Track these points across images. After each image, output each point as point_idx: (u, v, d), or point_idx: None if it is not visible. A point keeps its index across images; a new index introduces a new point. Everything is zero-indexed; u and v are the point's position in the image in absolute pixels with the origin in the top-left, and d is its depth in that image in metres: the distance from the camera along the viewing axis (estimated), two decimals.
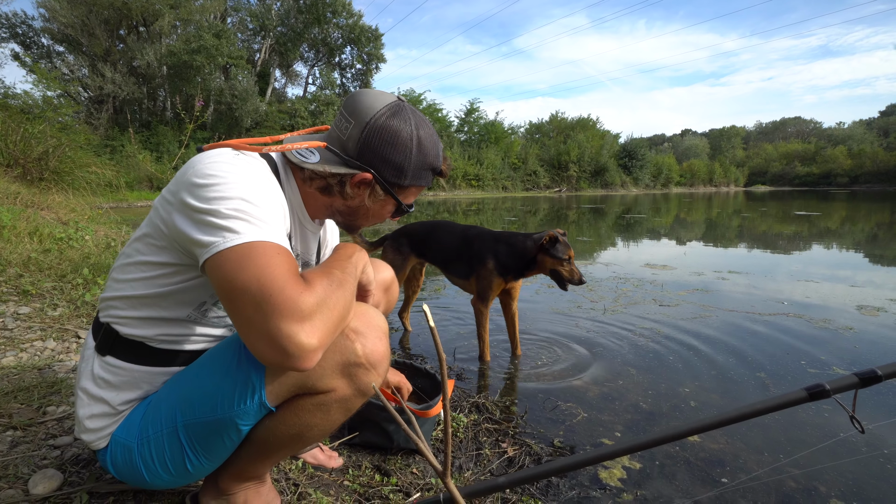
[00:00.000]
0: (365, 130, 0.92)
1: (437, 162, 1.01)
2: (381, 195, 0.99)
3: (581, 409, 1.98)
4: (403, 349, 2.70)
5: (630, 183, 41.24)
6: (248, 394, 0.83)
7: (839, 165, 60.83)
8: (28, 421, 1.40)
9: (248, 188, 0.79)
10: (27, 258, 3.22)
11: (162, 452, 0.90)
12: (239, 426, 0.86)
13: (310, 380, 0.84)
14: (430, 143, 0.98)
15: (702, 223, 11.69)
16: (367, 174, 0.94)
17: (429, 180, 1.02)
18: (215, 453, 0.91)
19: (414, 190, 1.02)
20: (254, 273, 0.71)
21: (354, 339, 0.85)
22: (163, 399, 0.92)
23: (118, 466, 0.95)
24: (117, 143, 17.32)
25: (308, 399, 0.87)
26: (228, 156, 0.84)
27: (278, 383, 0.84)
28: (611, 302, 3.72)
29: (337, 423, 0.92)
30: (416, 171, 0.98)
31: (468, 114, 35.41)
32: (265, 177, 0.87)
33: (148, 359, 0.94)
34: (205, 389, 0.87)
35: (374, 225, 1.09)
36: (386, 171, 0.95)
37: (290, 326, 0.68)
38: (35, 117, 7.41)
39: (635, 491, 1.46)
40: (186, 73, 20.68)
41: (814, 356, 2.57)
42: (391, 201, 1.01)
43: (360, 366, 0.85)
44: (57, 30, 19.55)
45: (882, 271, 5.24)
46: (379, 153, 0.93)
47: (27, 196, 5.17)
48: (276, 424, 0.88)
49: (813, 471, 1.57)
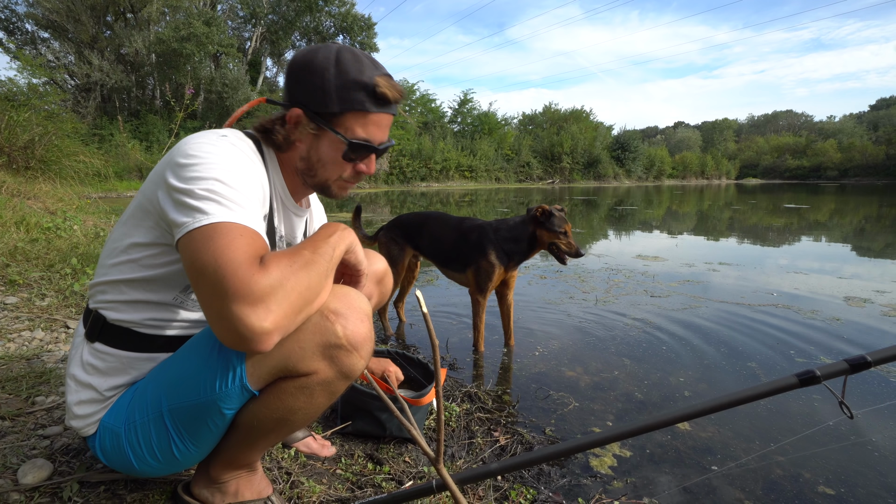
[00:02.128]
0: (287, 68, 0.95)
1: (362, 77, 0.90)
2: (318, 130, 0.93)
3: (573, 399, 2.00)
4: (398, 339, 2.70)
5: (623, 175, 41.35)
6: (229, 376, 0.83)
7: (829, 159, 61.37)
8: (16, 411, 1.39)
9: (225, 169, 0.79)
10: (14, 248, 3.17)
11: (149, 438, 0.90)
12: (222, 409, 0.86)
13: (290, 361, 0.83)
14: (353, 60, 0.91)
15: (693, 215, 11.77)
16: (294, 108, 0.92)
17: (366, 104, 0.91)
18: (201, 439, 0.90)
19: (352, 118, 0.92)
20: (212, 254, 0.70)
21: (335, 320, 0.82)
22: (149, 384, 0.92)
23: (107, 453, 0.94)
24: (106, 132, 17.05)
25: (290, 382, 0.85)
26: (213, 136, 0.85)
27: (258, 365, 0.83)
28: (602, 293, 3.74)
29: (322, 407, 0.90)
30: (341, 91, 0.90)
31: (461, 104, 35.27)
32: (246, 157, 0.87)
33: (135, 344, 0.94)
34: (188, 373, 0.87)
35: (348, 180, 1.00)
36: (311, 101, 0.91)
37: (241, 309, 0.68)
38: (20, 105, 7.25)
39: (625, 478, 1.47)
40: (176, 62, 20.36)
41: (802, 346, 2.61)
42: (331, 136, 0.93)
43: (341, 347, 0.83)
44: (41, 15, 19.11)
45: (869, 263, 5.31)
46: (300, 84, 0.92)
47: (13, 185, 5.08)
48: (259, 408, 0.88)
49: (799, 458, 1.60)
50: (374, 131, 0.95)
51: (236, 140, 0.88)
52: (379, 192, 21.20)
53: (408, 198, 17.00)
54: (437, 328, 2.85)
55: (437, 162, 27.83)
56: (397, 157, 26.05)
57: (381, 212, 11.25)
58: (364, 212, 11.40)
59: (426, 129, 31.10)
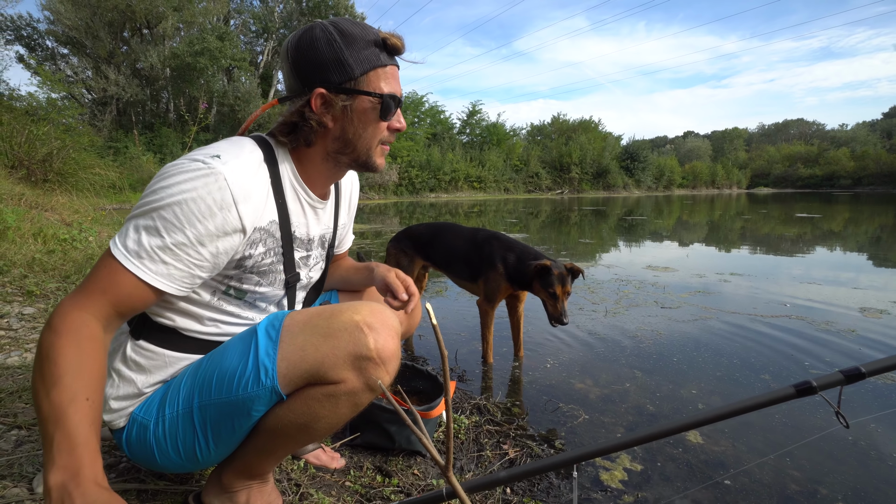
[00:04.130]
0: (289, 59, 0.93)
1: (370, 35, 0.92)
2: (348, 99, 0.92)
3: (583, 411, 1.98)
4: (406, 351, 2.71)
5: (632, 185, 41.21)
6: (261, 377, 0.85)
7: (842, 167, 60.65)
8: (32, 420, 1.41)
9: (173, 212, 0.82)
10: (31, 259, 3.23)
11: (175, 433, 0.92)
12: (251, 411, 0.87)
13: (323, 367, 0.85)
14: (352, 25, 0.93)
15: (704, 225, 11.66)
16: (317, 89, 0.91)
17: (382, 57, 0.93)
18: (224, 440, 0.92)
19: (374, 76, 0.93)
20: (91, 275, 0.82)
21: (368, 333, 0.86)
22: (184, 380, 0.94)
23: (132, 445, 0.96)
24: (121, 145, 17.40)
25: (319, 389, 0.87)
26: (192, 166, 0.82)
27: (290, 368, 0.86)
28: (612, 304, 3.72)
29: (344, 418, 0.92)
30: (357, 53, 0.91)
31: (470, 115, 35.48)
32: (217, 189, 0.83)
33: (178, 345, 0.97)
34: (222, 372, 0.89)
35: (386, 141, 1.00)
36: (331, 75, 0.91)
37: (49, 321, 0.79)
38: (39, 119, 7.44)
39: (636, 493, 1.46)
40: (189, 76, 20.77)
41: (818, 358, 2.57)
42: (363, 99, 0.93)
43: (371, 360, 0.86)
44: (61, 32, 19.66)
45: (885, 274, 5.22)
46: (312, 65, 0.91)
47: (31, 197, 5.20)
48: (285, 412, 0.89)
49: (816, 473, 1.57)
50: (394, 84, 0.96)
51: (229, 167, 0.84)
52: (388, 203, 21.32)
53: (417, 209, 17.07)
54: (446, 340, 2.85)
55: (445, 173, 27.98)
56: (406, 168, 26.23)
57: (391, 223, 11.30)
58: (373, 223, 11.42)
59: (435, 141, 31.31)
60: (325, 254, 1.18)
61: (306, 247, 1.07)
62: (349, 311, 0.88)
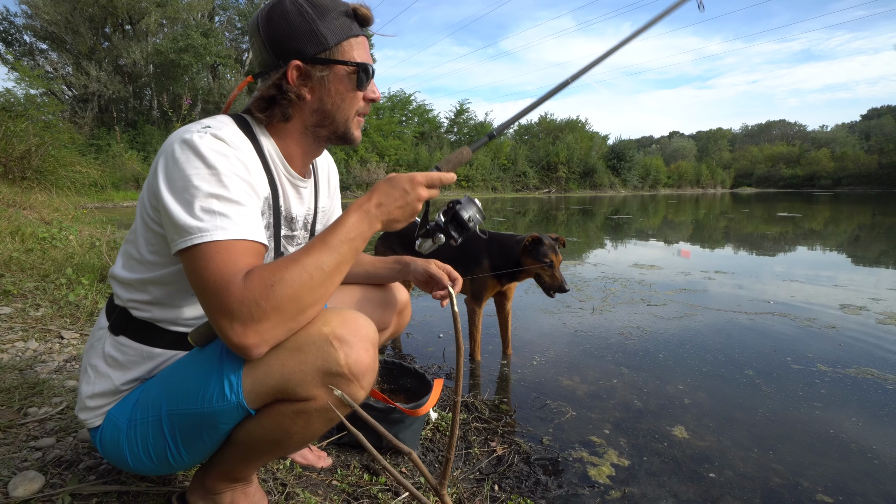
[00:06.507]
0: (260, 33, 0.91)
1: (341, 5, 0.92)
2: (325, 70, 0.91)
3: (570, 408, 1.99)
4: (394, 349, 2.69)
5: (619, 184, 41.58)
6: (226, 391, 0.81)
7: (822, 168, 61.97)
8: (8, 423, 1.37)
9: (218, 181, 0.80)
10: (8, 258, 3.15)
11: (146, 438, 0.89)
12: (218, 424, 0.84)
13: (289, 385, 0.80)
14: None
15: (689, 224, 11.82)
16: (293, 61, 0.90)
17: (353, 27, 0.93)
18: (195, 449, 0.89)
19: (347, 46, 0.92)
20: (202, 273, 0.76)
21: (338, 347, 0.80)
22: (154, 384, 0.92)
23: (105, 445, 0.94)
24: (103, 143, 17.05)
25: (288, 405, 0.83)
26: (200, 140, 0.81)
27: (256, 384, 0.81)
28: (599, 301, 3.74)
29: (318, 433, 0.88)
30: (330, 24, 0.90)
31: (458, 114, 35.48)
32: (234, 155, 0.84)
33: (156, 340, 0.94)
34: (190, 381, 0.86)
35: (362, 112, 1.01)
36: (306, 47, 0.89)
37: (224, 324, 0.73)
38: (17, 115, 7.26)
39: (623, 488, 1.47)
40: (173, 72, 20.46)
41: (799, 354, 2.61)
42: (339, 69, 0.92)
43: (342, 376, 0.80)
44: (40, 27, 19.21)
45: (863, 272, 5.34)
46: (285, 37, 0.89)
47: (9, 195, 5.07)
48: (255, 428, 0.85)
49: (798, 466, 1.59)
50: (365, 54, 0.96)
51: (224, 133, 0.84)
52: None
53: None
54: (433, 339, 2.85)
55: None
56: (394, 167, 26.13)
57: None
58: None
59: (423, 139, 31.25)
60: (309, 237, 1.16)
61: (290, 226, 1.05)
62: (318, 322, 0.81)
